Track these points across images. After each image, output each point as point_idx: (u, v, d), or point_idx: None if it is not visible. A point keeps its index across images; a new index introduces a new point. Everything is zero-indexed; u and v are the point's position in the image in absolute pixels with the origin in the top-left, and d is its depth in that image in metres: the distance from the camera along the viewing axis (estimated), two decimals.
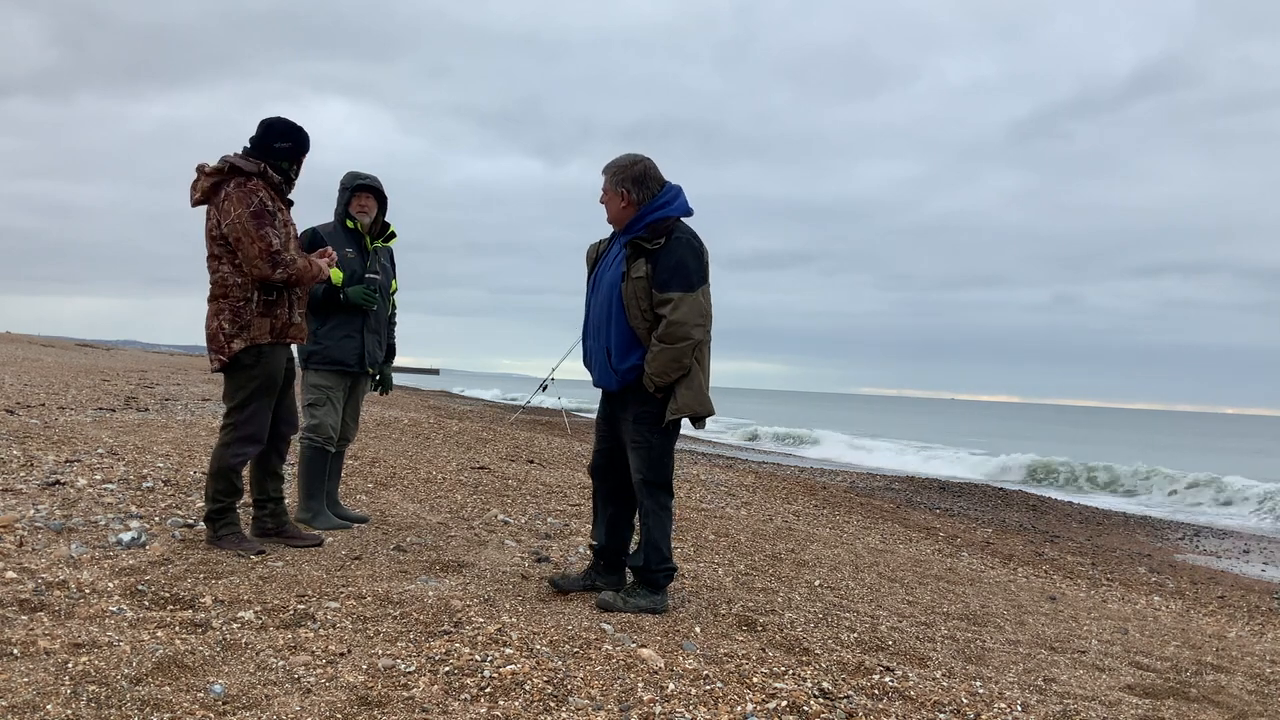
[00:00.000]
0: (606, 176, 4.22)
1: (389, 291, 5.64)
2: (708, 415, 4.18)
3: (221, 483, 4.47)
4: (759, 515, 10.01)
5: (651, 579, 4.18)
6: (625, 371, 4.15)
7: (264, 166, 4.47)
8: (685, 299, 4.02)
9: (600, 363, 4.24)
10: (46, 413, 9.62)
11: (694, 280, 4.06)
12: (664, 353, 4.02)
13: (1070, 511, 17.93)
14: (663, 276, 4.04)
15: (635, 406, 4.16)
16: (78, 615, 3.26)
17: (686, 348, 4.03)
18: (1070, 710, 3.41)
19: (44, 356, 26.84)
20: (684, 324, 4.01)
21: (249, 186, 4.40)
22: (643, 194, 4.15)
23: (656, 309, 4.05)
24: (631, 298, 4.08)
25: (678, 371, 4.05)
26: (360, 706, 2.70)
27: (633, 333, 4.11)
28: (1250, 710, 3.85)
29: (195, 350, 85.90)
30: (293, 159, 4.59)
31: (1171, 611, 8.18)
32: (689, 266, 4.06)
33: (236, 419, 4.51)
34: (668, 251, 4.06)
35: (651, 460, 4.17)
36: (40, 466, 5.83)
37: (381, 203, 5.51)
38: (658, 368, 4.04)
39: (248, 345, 4.43)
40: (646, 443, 4.16)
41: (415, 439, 12.31)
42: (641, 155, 4.21)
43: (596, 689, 2.99)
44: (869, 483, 19.07)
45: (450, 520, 6.06)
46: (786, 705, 3.02)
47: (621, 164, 4.19)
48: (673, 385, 4.07)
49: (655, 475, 4.19)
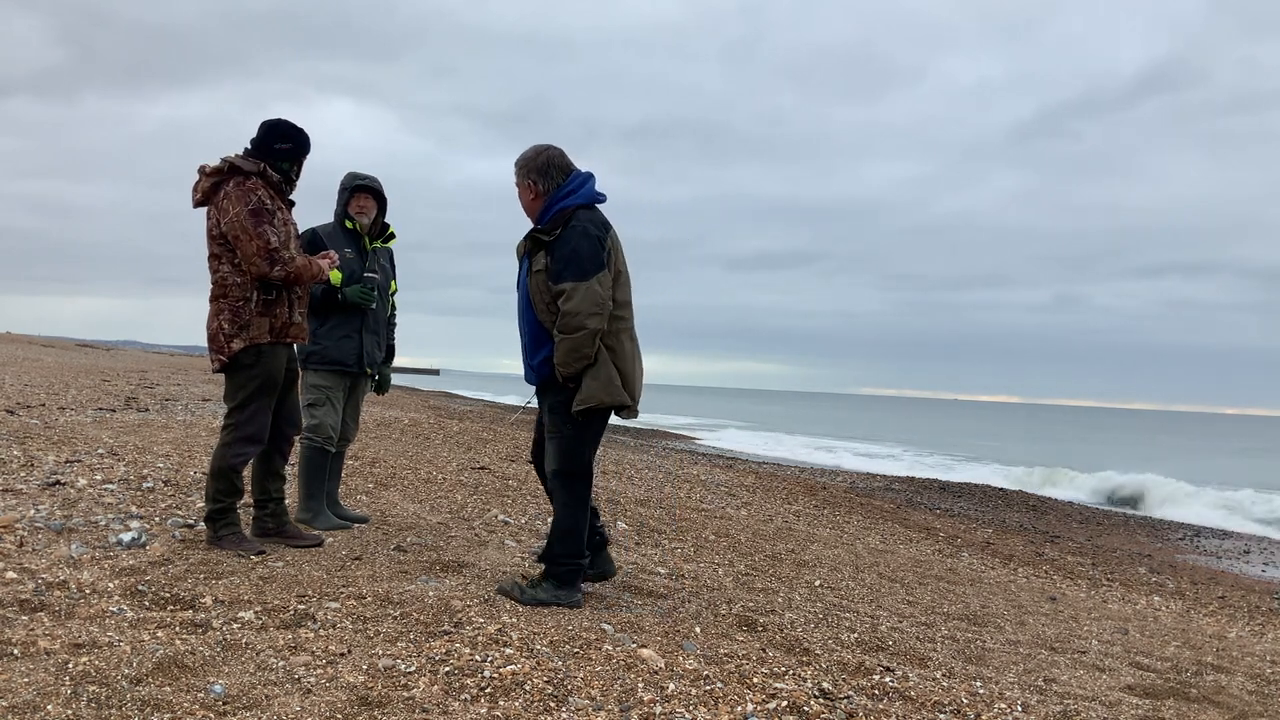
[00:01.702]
0: (516, 170, 4.21)
1: (388, 292, 5.64)
2: (618, 405, 4.10)
3: (222, 483, 4.48)
4: (759, 515, 10.01)
5: (556, 571, 4.11)
6: (538, 365, 4.14)
7: (264, 166, 4.48)
8: (579, 288, 3.96)
9: (523, 358, 4.24)
10: (47, 413, 9.62)
11: (587, 268, 3.99)
12: (563, 343, 3.99)
13: (1070, 511, 17.94)
14: (557, 267, 4.01)
15: (550, 396, 4.17)
16: (78, 615, 3.26)
17: (584, 337, 3.97)
18: (1070, 710, 3.41)
19: (44, 357, 26.85)
20: (578, 314, 3.95)
21: (247, 185, 4.41)
22: (548, 184, 4.13)
23: (556, 300, 4.02)
24: (536, 292, 4.06)
25: (581, 362, 4.01)
26: (360, 707, 2.70)
27: (541, 326, 4.09)
28: (1250, 710, 3.85)
29: (195, 350, 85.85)
30: (293, 160, 4.61)
31: (1172, 612, 8.18)
32: (581, 254, 4.00)
33: (237, 419, 4.51)
34: (562, 241, 4.02)
35: (563, 450, 4.14)
36: (40, 467, 5.83)
37: (381, 204, 5.51)
38: (559, 359, 4.01)
39: (247, 345, 4.44)
40: (559, 433, 4.15)
41: (415, 439, 12.31)
42: (549, 145, 4.20)
43: (597, 689, 2.99)
44: (869, 483, 19.08)
45: (450, 520, 6.06)
46: (787, 705, 3.02)
47: (527, 155, 4.18)
48: (580, 375, 4.04)
49: (567, 464, 4.15)
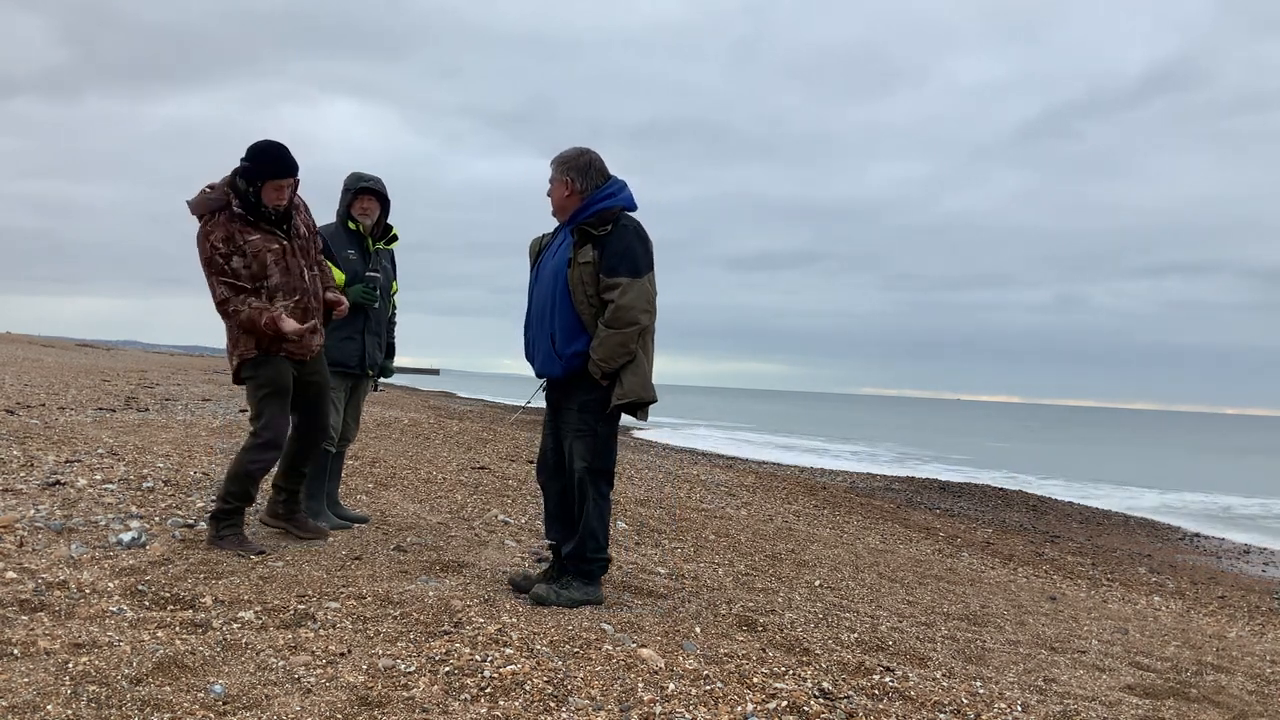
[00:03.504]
0: (554, 167, 4.26)
1: (389, 292, 5.65)
2: (651, 402, 4.17)
3: (236, 485, 4.54)
4: (759, 515, 10.01)
5: (586, 569, 4.16)
6: (570, 357, 4.14)
7: (230, 197, 4.45)
8: (633, 284, 4.04)
9: (545, 350, 4.22)
10: (47, 413, 9.62)
11: (641, 266, 4.09)
12: (611, 337, 4.03)
13: (1070, 511, 17.94)
14: (611, 261, 4.06)
15: (580, 394, 4.17)
16: (78, 615, 3.26)
17: (633, 333, 4.04)
18: (1070, 710, 3.41)
19: (44, 357, 26.86)
20: (631, 308, 4.02)
21: (204, 230, 4.47)
22: (587, 183, 4.19)
23: (603, 294, 4.07)
24: (577, 283, 4.09)
25: (624, 357, 4.06)
26: (360, 706, 2.70)
27: (578, 318, 4.12)
28: (1250, 710, 3.85)
29: (195, 350, 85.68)
30: (250, 179, 4.45)
31: (1172, 611, 8.19)
32: (635, 252, 4.09)
33: (255, 427, 4.64)
34: (615, 237, 4.09)
35: (597, 448, 4.17)
36: (40, 467, 5.83)
37: (384, 205, 5.51)
38: (605, 353, 4.04)
39: (240, 360, 4.58)
40: (592, 430, 4.17)
41: (415, 439, 12.31)
42: (589, 149, 4.29)
43: (596, 689, 2.99)
44: (869, 483, 19.08)
45: (450, 520, 6.06)
46: (787, 705, 3.02)
47: (569, 154, 4.25)
48: (618, 371, 4.08)
49: (601, 463, 4.19)
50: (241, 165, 4.47)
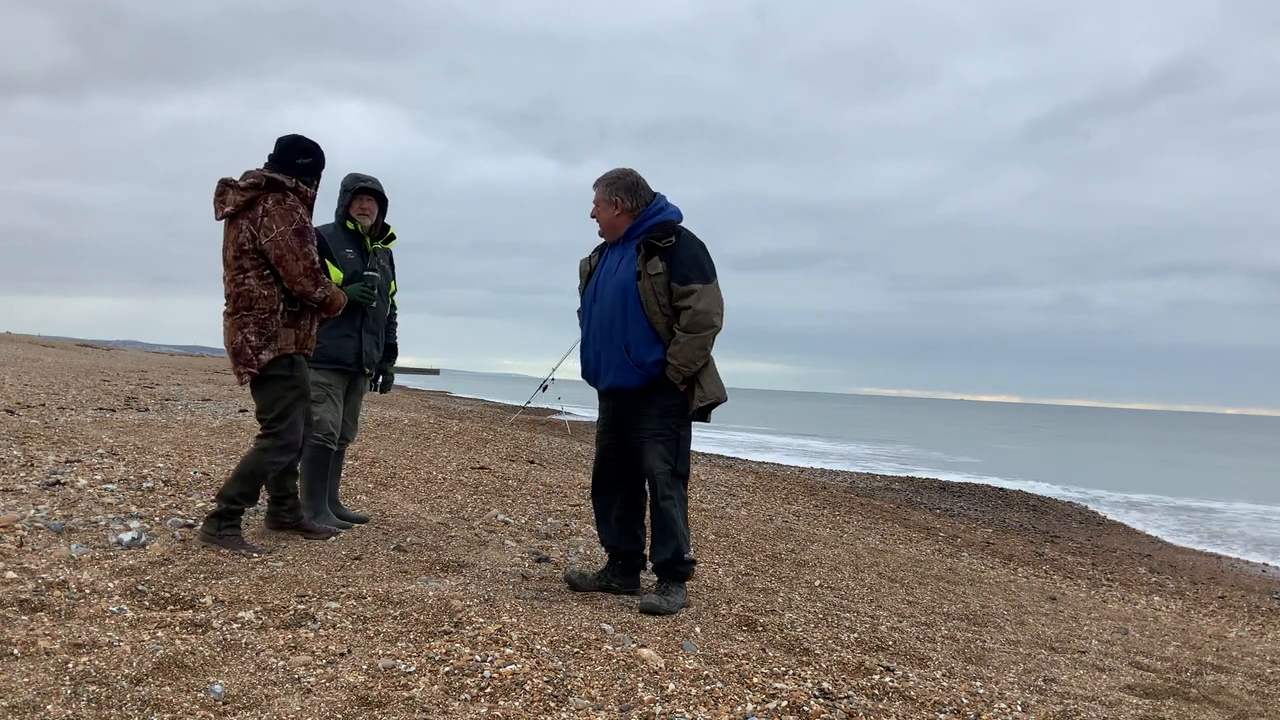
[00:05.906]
0: (599, 189, 4.42)
1: (388, 291, 5.65)
2: (723, 402, 4.37)
3: (248, 486, 4.52)
4: (759, 515, 10.01)
5: (683, 572, 4.35)
6: (650, 365, 4.28)
7: (296, 182, 4.48)
8: (706, 290, 4.25)
9: (619, 363, 4.33)
10: (47, 413, 9.63)
11: (709, 272, 4.30)
12: (691, 341, 4.21)
13: (1070, 512, 17.94)
14: (682, 270, 4.25)
15: (661, 400, 4.31)
16: (78, 615, 3.26)
17: (711, 335, 4.25)
18: (1070, 710, 3.41)
19: (44, 357, 26.86)
20: (708, 312, 4.23)
21: (289, 204, 4.42)
22: (636, 201, 4.38)
23: (677, 302, 4.24)
24: (649, 294, 4.25)
25: (703, 360, 4.26)
26: (360, 707, 2.70)
27: (651, 328, 4.27)
28: (1250, 710, 3.85)
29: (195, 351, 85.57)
30: (314, 174, 4.60)
31: (1171, 611, 8.19)
32: (703, 260, 4.31)
33: (279, 428, 4.55)
34: (682, 248, 4.29)
35: (680, 452, 4.36)
36: (40, 466, 5.83)
37: (382, 205, 5.52)
38: (685, 358, 4.21)
39: (277, 355, 4.48)
40: (674, 434, 4.33)
41: (415, 439, 12.31)
42: (631, 168, 4.46)
43: (596, 689, 2.99)
44: (869, 483, 19.08)
45: (450, 520, 6.06)
46: (787, 705, 3.02)
47: (614, 175, 4.42)
48: (696, 375, 4.27)
49: (682, 466, 4.37)
50: (300, 163, 4.51)
